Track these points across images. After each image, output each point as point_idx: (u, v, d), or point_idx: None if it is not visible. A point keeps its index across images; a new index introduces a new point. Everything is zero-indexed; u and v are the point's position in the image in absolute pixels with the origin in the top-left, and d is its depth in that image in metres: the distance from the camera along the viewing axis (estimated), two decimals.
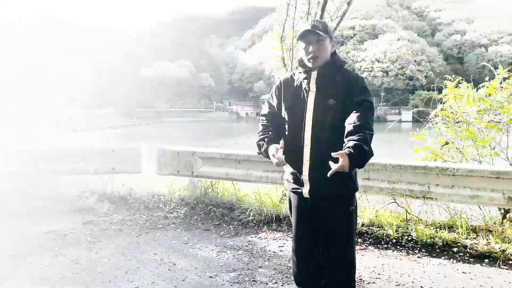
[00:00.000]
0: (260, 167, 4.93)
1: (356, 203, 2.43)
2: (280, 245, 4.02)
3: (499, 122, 4.93)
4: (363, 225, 4.38)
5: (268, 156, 2.35)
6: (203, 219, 4.85)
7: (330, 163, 2.03)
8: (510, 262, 3.58)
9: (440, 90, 5.55)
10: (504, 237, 3.97)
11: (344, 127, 2.15)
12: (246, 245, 4.02)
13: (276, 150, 2.28)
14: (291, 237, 4.18)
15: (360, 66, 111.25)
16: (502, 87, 4.99)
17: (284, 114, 2.45)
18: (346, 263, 2.42)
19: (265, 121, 2.53)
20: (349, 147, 2.01)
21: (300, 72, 2.37)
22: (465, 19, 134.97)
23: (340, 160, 1.99)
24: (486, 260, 3.63)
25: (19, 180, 5.43)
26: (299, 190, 2.38)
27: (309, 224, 2.44)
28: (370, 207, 4.72)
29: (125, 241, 4.08)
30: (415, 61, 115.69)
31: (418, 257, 3.74)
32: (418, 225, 4.22)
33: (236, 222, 4.71)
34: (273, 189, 5.26)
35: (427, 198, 4.10)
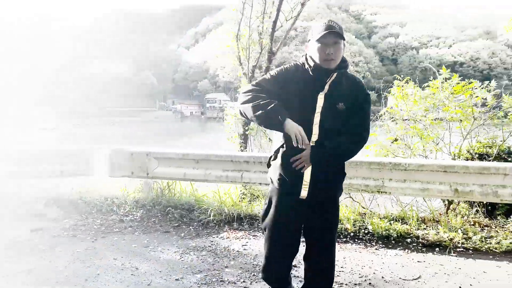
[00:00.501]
0: (219, 167, 4.89)
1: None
2: (243, 244, 4.02)
3: (442, 119, 5.30)
4: None
5: (278, 126, 2.15)
6: (161, 221, 4.72)
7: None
8: (458, 249, 3.85)
9: (377, 90, 5.85)
10: (451, 226, 4.27)
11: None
12: (209, 246, 3.97)
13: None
14: (253, 236, 4.25)
15: None
16: (443, 87, 5.36)
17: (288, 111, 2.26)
18: (331, 262, 2.48)
19: (259, 92, 2.23)
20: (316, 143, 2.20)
21: (314, 70, 2.24)
22: (398, 23, 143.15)
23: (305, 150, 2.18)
24: (437, 249, 3.88)
25: None
26: (296, 192, 2.30)
27: (298, 225, 2.42)
28: None
29: (81, 247, 3.87)
30: (353, 62, 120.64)
31: (376, 249, 3.91)
32: (372, 219, 4.42)
33: (196, 223, 4.64)
34: (233, 188, 5.25)
35: (381, 192, 4.30)
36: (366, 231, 4.25)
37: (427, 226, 4.35)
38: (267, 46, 5.24)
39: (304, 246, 2.54)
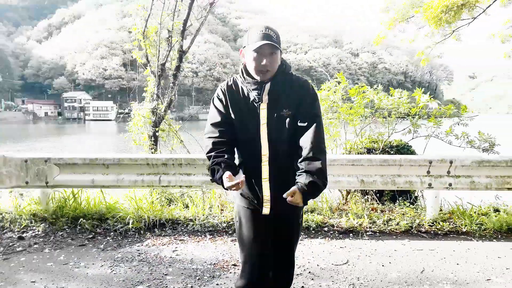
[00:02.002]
0: (133, 171, 4.61)
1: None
2: (173, 250, 3.88)
3: (337, 119, 5.89)
4: None
5: (222, 184, 2.04)
6: (70, 234, 4.24)
7: (287, 194, 1.97)
8: (368, 232, 4.36)
9: None
10: (355, 213, 4.80)
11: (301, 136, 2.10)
12: (137, 255, 3.73)
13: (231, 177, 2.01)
14: (180, 240, 4.14)
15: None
16: (336, 90, 5.97)
17: (236, 129, 2.19)
18: (291, 265, 2.42)
19: (217, 136, 2.17)
20: (302, 184, 1.97)
21: (248, 83, 2.14)
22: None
23: (295, 196, 1.96)
24: (351, 234, 4.33)
25: None
26: (257, 209, 2.20)
27: (266, 237, 2.29)
28: None
29: None
30: (221, 63, 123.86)
31: (301, 240, 4.18)
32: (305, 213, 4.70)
33: (112, 233, 4.29)
34: (150, 193, 4.98)
35: None
36: None
37: (337, 215, 4.81)
38: (177, 44, 5.10)
39: None
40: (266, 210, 2.17)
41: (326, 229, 4.45)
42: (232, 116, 2.19)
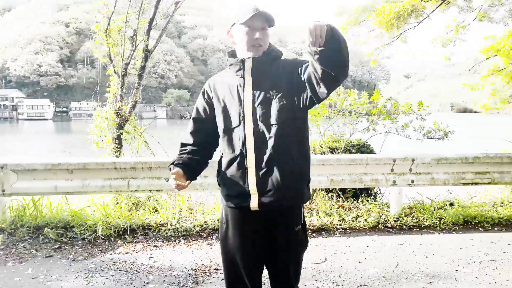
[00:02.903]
0: (99, 175, 4.41)
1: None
2: (149, 256, 3.77)
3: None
4: (218, 220, 4.57)
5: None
6: (33, 245, 3.97)
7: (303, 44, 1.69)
8: (339, 230, 4.51)
9: (190, 90, 6.26)
10: (324, 211, 4.93)
11: (295, 120, 1.98)
12: (112, 264, 3.57)
13: (175, 171, 2.02)
14: (154, 246, 4.04)
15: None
16: None
17: (219, 121, 2.08)
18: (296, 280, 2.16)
19: (191, 131, 2.18)
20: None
21: (231, 64, 2.02)
22: (205, 25, 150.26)
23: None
24: (323, 232, 4.44)
25: None
26: (245, 204, 1.99)
27: (255, 246, 2.07)
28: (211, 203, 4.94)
29: None
30: (165, 60, 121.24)
31: None
32: None
33: (80, 242, 4.07)
34: (114, 198, 4.78)
35: None
36: None
37: (307, 213, 4.91)
38: (143, 43, 4.93)
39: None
40: (254, 202, 1.96)
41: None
42: (216, 107, 2.09)
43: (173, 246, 4.03)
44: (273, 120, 1.96)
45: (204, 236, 4.30)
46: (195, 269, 3.50)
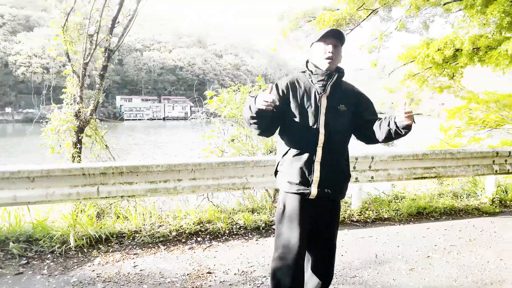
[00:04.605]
0: (65, 183, 4.09)
1: None
2: (133, 265, 3.60)
3: None
4: (194, 224, 4.50)
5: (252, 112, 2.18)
6: None
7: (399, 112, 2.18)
8: None
9: (104, 90, 6.19)
10: None
11: (350, 134, 2.53)
12: (96, 276, 3.36)
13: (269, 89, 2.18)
14: (134, 254, 3.89)
15: (16, 60, 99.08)
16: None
17: (289, 116, 2.41)
18: (334, 254, 2.61)
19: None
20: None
21: (316, 74, 2.40)
22: (120, 24, 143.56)
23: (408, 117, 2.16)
24: None
25: None
26: (306, 191, 2.38)
27: (309, 226, 2.46)
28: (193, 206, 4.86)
29: None
30: (77, 59, 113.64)
31: (256, 240, 4.28)
32: (236, 214, 4.77)
33: (49, 255, 3.75)
34: (75, 206, 4.46)
35: (246, 188, 4.69)
36: (238, 226, 4.56)
37: (270, 212, 5.03)
38: (104, 42, 4.64)
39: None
40: (314, 190, 2.38)
41: (274, 227, 4.64)
42: (292, 107, 2.40)
43: (154, 253, 3.89)
44: (339, 127, 2.43)
45: (182, 240, 4.21)
46: (188, 274, 3.43)
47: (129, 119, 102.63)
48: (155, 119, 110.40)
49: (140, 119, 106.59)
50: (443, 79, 14.36)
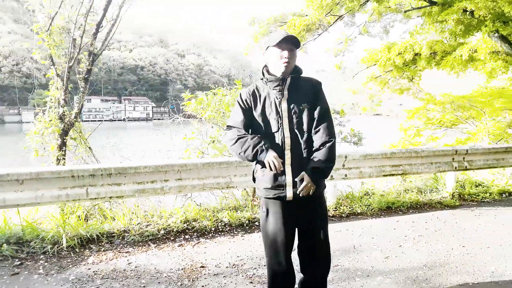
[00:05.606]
0: (54, 185, 4.16)
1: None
2: (128, 262, 3.75)
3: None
4: (181, 222, 4.68)
5: (256, 160, 2.44)
6: None
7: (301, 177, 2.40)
8: None
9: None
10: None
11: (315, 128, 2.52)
12: (94, 274, 3.48)
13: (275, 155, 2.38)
14: (126, 252, 4.05)
15: None
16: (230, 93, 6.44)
17: (255, 125, 2.54)
18: (328, 252, 2.70)
19: (242, 131, 2.53)
20: (308, 169, 2.42)
21: (270, 81, 2.49)
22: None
23: (304, 179, 2.40)
24: None
25: None
26: (282, 194, 2.46)
27: (292, 228, 2.57)
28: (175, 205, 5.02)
29: None
30: (31, 58, 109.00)
31: (241, 235, 4.52)
32: (219, 212, 4.98)
33: (42, 256, 3.82)
34: (60, 208, 4.52)
35: (230, 187, 4.92)
36: (223, 224, 4.78)
37: (249, 210, 5.27)
38: (92, 47, 4.70)
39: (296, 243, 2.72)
40: (289, 193, 2.46)
41: (256, 223, 4.90)
42: (256, 116, 2.54)
43: (145, 251, 4.05)
44: (304, 126, 2.52)
45: (171, 238, 4.38)
46: (182, 269, 3.62)
47: (88, 120, 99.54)
48: (115, 120, 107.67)
49: (100, 120, 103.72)
50: (403, 81, 15.14)
